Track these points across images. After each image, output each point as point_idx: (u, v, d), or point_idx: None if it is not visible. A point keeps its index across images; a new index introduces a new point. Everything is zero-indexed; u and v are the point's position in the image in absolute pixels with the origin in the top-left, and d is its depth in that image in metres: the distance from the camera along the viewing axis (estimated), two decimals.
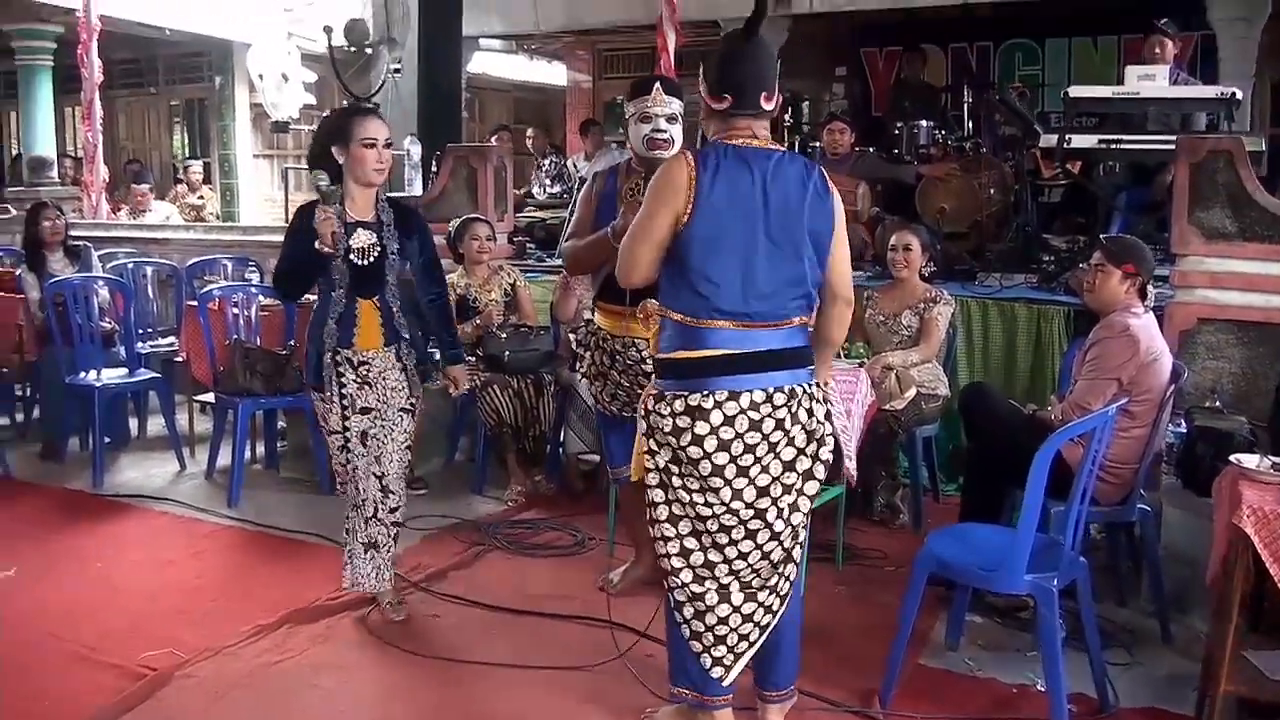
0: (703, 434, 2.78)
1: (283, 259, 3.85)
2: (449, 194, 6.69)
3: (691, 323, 2.81)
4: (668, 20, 6.42)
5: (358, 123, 3.78)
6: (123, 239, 8.27)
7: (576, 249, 3.98)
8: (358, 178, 3.78)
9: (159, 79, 13.96)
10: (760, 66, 2.87)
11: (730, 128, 2.87)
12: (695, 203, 2.74)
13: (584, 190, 4.12)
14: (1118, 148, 5.95)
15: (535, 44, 12.52)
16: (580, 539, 4.89)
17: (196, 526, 5.08)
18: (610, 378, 4.00)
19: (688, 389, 2.81)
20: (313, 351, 3.88)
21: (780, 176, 2.81)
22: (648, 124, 3.77)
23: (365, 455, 3.90)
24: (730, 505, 2.82)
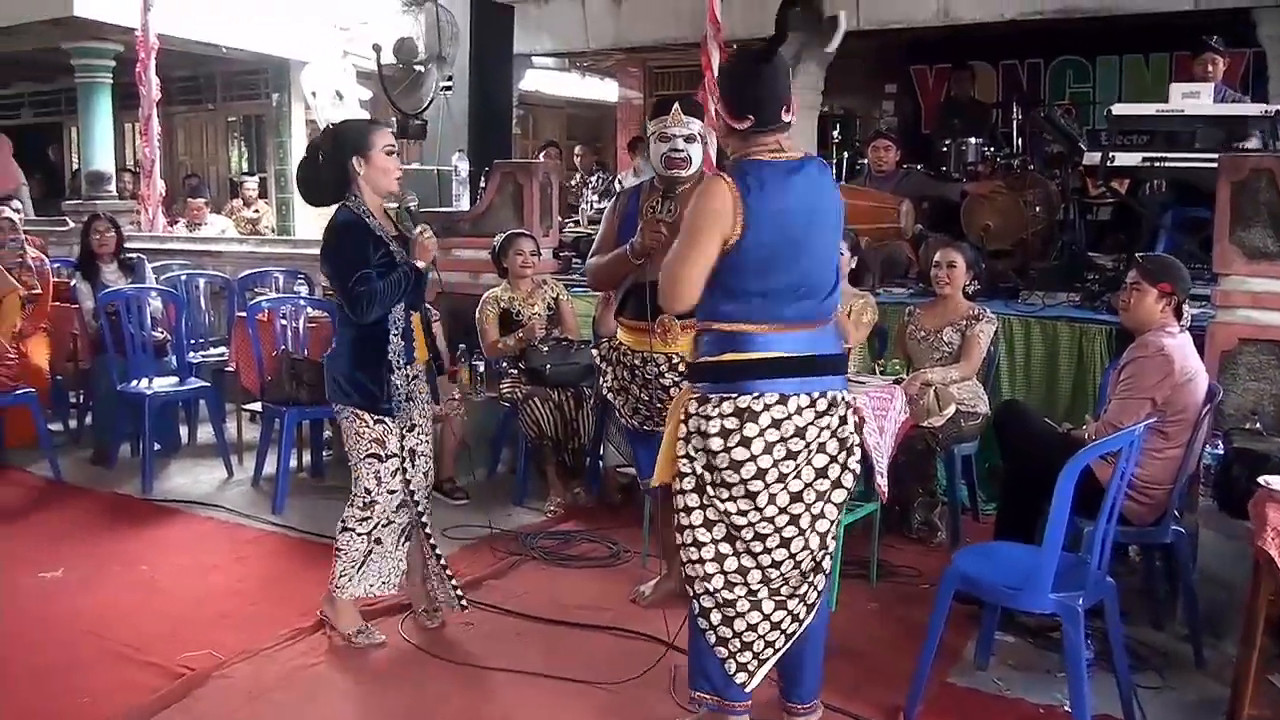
0: (751, 436, 2.82)
1: (377, 280, 3.62)
2: (495, 209, 6.77)
3: (739, 329, 2.85)
4: (712, 39, 6.47)
5: (376, 131, 3.78)
6: (178, 251, 8.47)
7: (598, 265, 4.09)
8: (379, 188, 3.75)
9: (216, 95, 14.22)
10: (777, 83, 2.90)
11: (754, 144, 2.91)
12: (745, 222, 2.78)
13: (607, 210, 4.23)
14: (1162, 166, 5.90)
15: (587, 61, 12.61)
16: (616, 550, 4.94)
17: (241, 532, 5.19)
18: (631, 392, 4.09)
19: (735, 391, 2.84)
20: (369, 375, 3.74)
21: (811, 184, 2.88)
22: (665, 143, 3.85)
23: (414, 474, 3.90)
24: (765, 512, 2.86)
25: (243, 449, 6.42)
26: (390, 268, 3.69)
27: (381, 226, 3.76)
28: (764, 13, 8.43)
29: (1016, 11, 7.75)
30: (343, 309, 3.74)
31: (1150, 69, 10.15)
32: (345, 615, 3.93)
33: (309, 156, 3.83)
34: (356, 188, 3.71)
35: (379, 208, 3.80)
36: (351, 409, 3.76)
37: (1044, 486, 4.12)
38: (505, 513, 5.52)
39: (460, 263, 6.87)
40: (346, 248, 3.67)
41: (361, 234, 3.67)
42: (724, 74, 3.04)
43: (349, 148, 3.71)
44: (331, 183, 3.75)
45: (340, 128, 3.87)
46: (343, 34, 10.27)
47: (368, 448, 3.78)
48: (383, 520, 3.86)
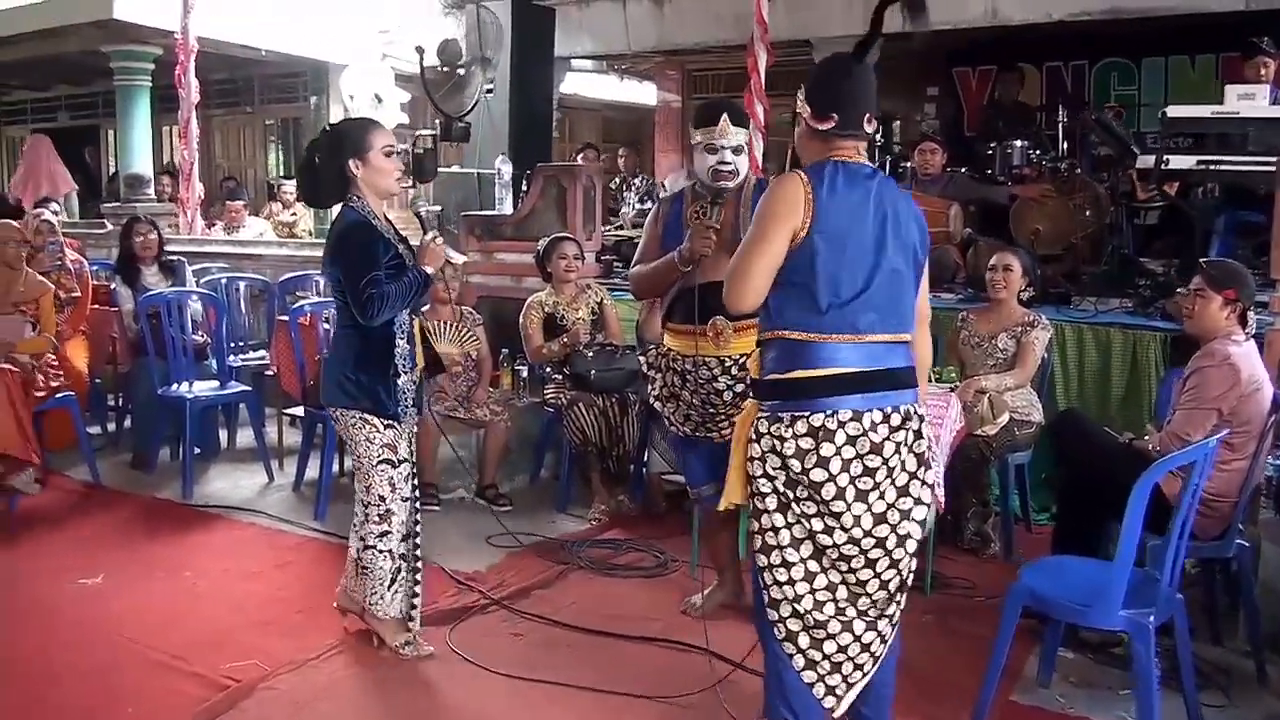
0: (828, 456, 2.72)
1: (387, 283, 3.56)
2: (538, 213, 6.72)
3: (808, 338, 2.75)
4: (759, 40, 6.38)
5: (374, 131, 3.67)
6: (217, 254, 8.45)
7: (643, 273, 3.99)
8: (379, 190, 3.66)
9: (255, 98, 14.25)
10: (866, 88, 2.84)
11: (832, 148, 2.83)
12: (814, 216, 2.70)
13: (651, 214, 4.13)
14: (1217, 169, 5.76)
15: (625, 64, 12.56)
16: (664, 560, 4.86)
17: (282, 538, 5.14)
18: (682, 399, 3.99)
19: (809, 409, 2.74)
20: (377, 378, 3.66)
21: (887, 193, 2.80)
22: (713, 155, 3.77)
23: (413, 479, 3.83)
24: (850, 533, 2.76)
25: (283, 454, 6.37)
26: (400, 271, 3.62)
27: (388, 228, 3.69)
28: (810, 13, 8.40)
29: (1065, 12, 7.62)
30: (346, 311, 3.65)
31: (1196, 70, 9.97)
32: (389, 627, 3.85)
33: (306, 159, 3.74)
34: (357, 189, 3.62)
35: (381, 209, 3.72)
36: (359, 413, 3.67)
37: (1104, 498, 4.08)
38: (549, 520, 5.46)
39: (503, 266, 6.84)
40: (356, 249, 3.57)
41: (371, 235, 3.59)
42: (812, 71, 2.95)
43: (346, 149, 3.61)
44: (331, 185, 3.65)
45: (336, 129, 3.75)
46: (382, 36, 10.24)
47: (380, 453, 3.69)
48: (401, 531, 3.76)
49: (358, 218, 3.61)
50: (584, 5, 9.39)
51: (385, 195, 3.72)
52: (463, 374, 5.82)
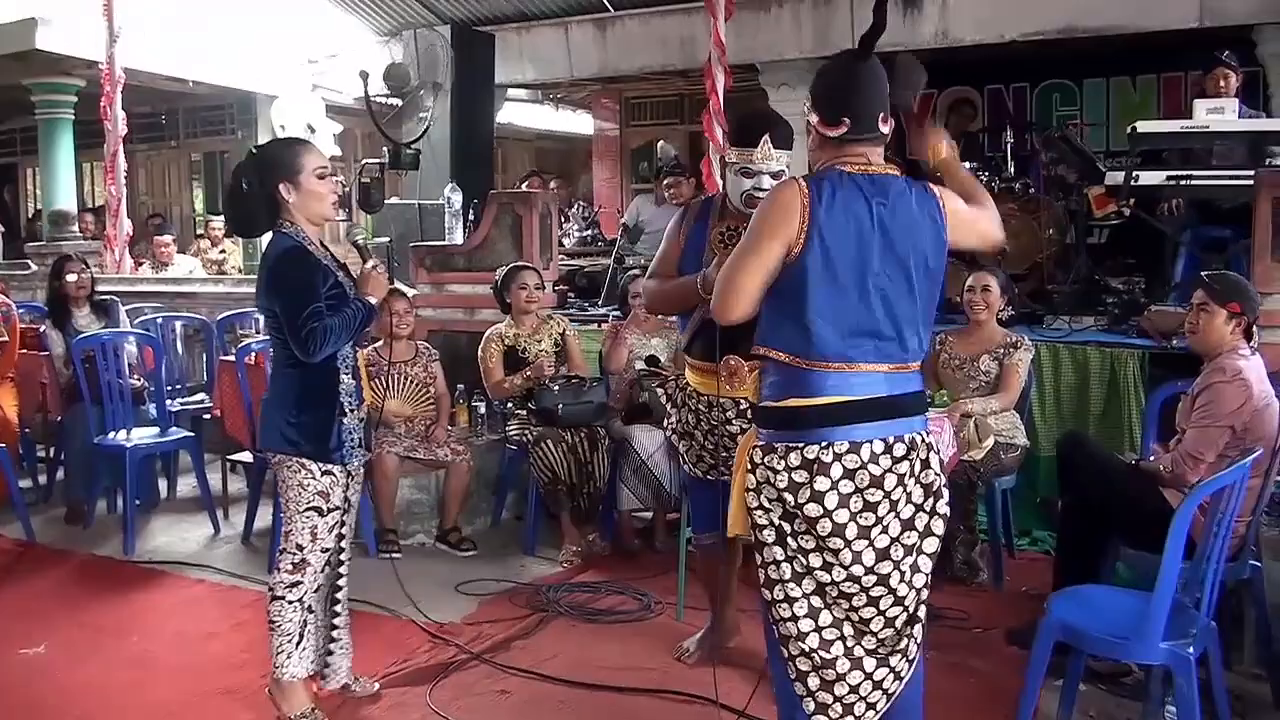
0: (823, 490, 2.51)
1: (329, 316, 3.27)
2: (492, 242, 6.47)
3: (802, 365, 2.55)
4: (716, 62, 6.22)
5: (305, 152, 3.38)
6: (148, 293, 8.06)
7: (661, 290, 3.69)
8: (313, 214, 3.37)
9: (180, 132, 13.84)
10: (876, 86, 2.65)
11: (842, 155, 2.62)
12: (809, 231, 2.50)
13: (671, 225, 3.78)
14: (1188, 184, 5.70)
15: (561, 92, 12.37)
16: (646, 603, 4.60)
17: (236, 595, 4.78)
18: (695, 438, 3.73)
19: (803, 440, 2.54)
20: (319, 419, 3.35)
21: (900, 206, 2.57)
22: (749, 179, 3.47)
23: (347, 529, 3.52)
24: (850, 570, 2.55)
25: (228, 502, 6.01)
26: (341, 301, 3.34)
27: (325, 254, 3.40)
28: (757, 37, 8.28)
29: (1018, 32, 7.58)
30: (284, 347, 3.33)
31: (1138, 90, 10.04)
32: (292, 696, 3.47)
33: (233, 184, 3.40)
34: (289, 214, 3.33)
35: (317, 235, 3.42)
36: (298, 458, 3.36)
37: (1109, 521, 3.94)
38: (518, 564, 5.19)
39: (455, 298, 6.58)
40: (293, 279, 3.28)
41: (307, 262, 3.30)
42: (817, 76, 2.74)
43: (276, 172, 3.32)
44: (261, 212, 3.35)
45: (264, 150, 3.45)
46: (312, 66, 9.96)
47: (310, 500, 3.36)
48: (313, 584, 3.43)
49: (292, 243, 3.31)
50: (524, 31, 9.19)
51: (320, 221, 3.42)
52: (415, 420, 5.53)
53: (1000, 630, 4.25)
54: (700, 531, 3.87)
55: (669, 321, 5.87)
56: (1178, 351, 5.19)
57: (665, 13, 8.78)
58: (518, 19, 9.21)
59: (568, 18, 9.13)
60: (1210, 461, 3.72)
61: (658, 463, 5.29)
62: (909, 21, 7.90)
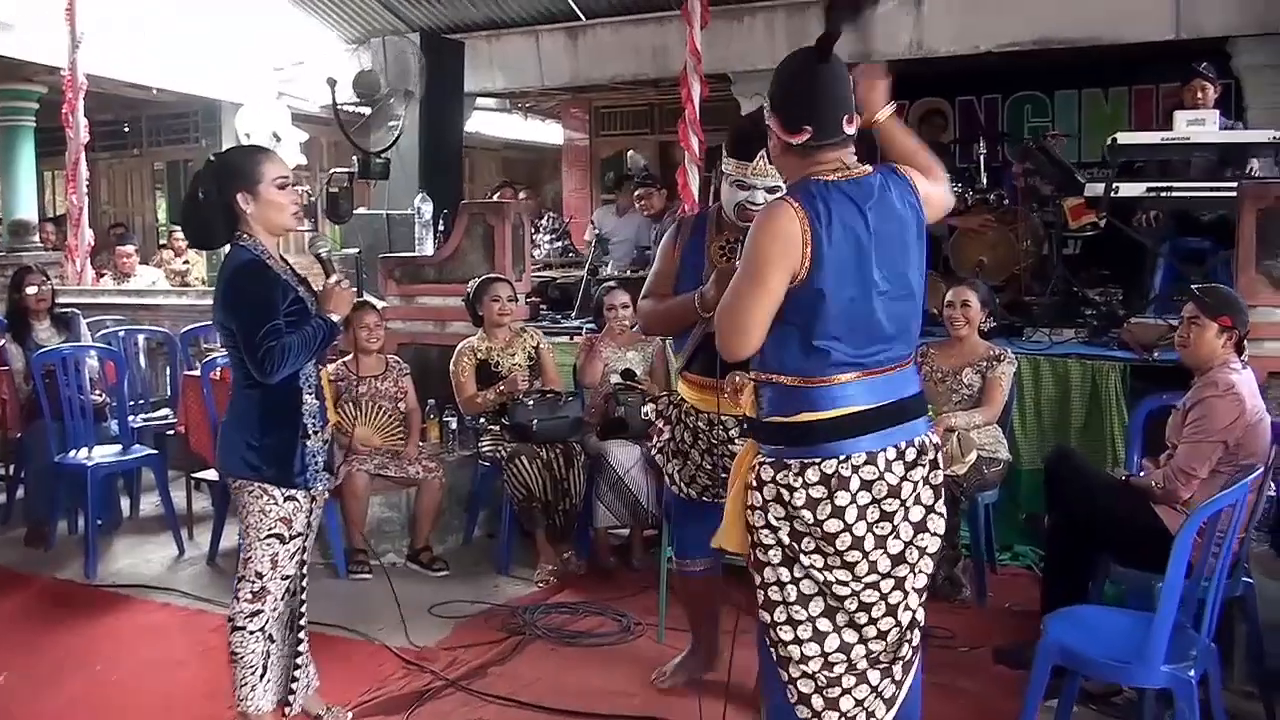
0: (844, 504, 2.44)
1: (288, 334, 3.11)
2: (463, 253, 6.35)
3: (810, 383, 2.46)
4: (693, 71, 6.13)
5: (266, 161, 3.22)
6: (111, 305, 7.84)
7: (657, 311, 3.55)
8: (273, 226, 3.22)
9: (143, 140, 13.61)
10: (838, 87, 2.51)
11: (814, 162, 2.50)
12: (814, 257, 2.39)
13: (665, 241, 3.65)
14: (1168, 195, 5.67)
15: (530, 101, 12.27)
16: (626, 624, 4.48)
17: (203, 619, 4.61)
18: (691, 457, 3.59)
19: (819, 455, 2.45)
20: (282, 442, 3.19)
21: (884, 206, 2.48)
22: (744, 191, 3.37)
23: (308, 552, 3.38)
24: (867, 579, 2.48)
25: (192, 522, 5.84)
26: (301, 317, 3.18)
27: (285, 269, 3.25)
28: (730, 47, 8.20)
29: (993, 43, 7.53)
30: (243, 366, 3.16)
31: (1109, 102, 10.05)
32: None
33: (190, 195, 3.27)
34: (247, 226, 3.18)
35: (274, 246, 3.26)
36: (260, 483, 3.19)
37: (1098, 537, 3.87)
38: (492, 584, 5.06)
39: (425, 310, 6.45)
40: (252, 295, 3.13)
41: (266, 277, 3.15)
42: (775, 80, 2.59)
43: (234, 182, 3.17)
44: (219, 223, 3.19)
45: (223, 159, 3.30)
46: (277, 74, 9.80)
47: (271, 526, 3.20)
48: (274, 612, 3.27)
49: (250, 257, 3.15)
50: (494, 39, 9.07)
51: (279, 232, 3.27)
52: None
53: (988, 649, 4.17)
54: (690, 557, 3.72)
55: (647, 335, 5.80)
56: (1160, 364, 5.16)
57: (638, 21, 8.69)
58: (487, 27, 9.10)
59: (538, 26, 9.02)
60: (1203, 477, 3.67)
61: (635, 479, 5.19)
62: (885, 34, 7.85)
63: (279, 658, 3.36)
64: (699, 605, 3.81)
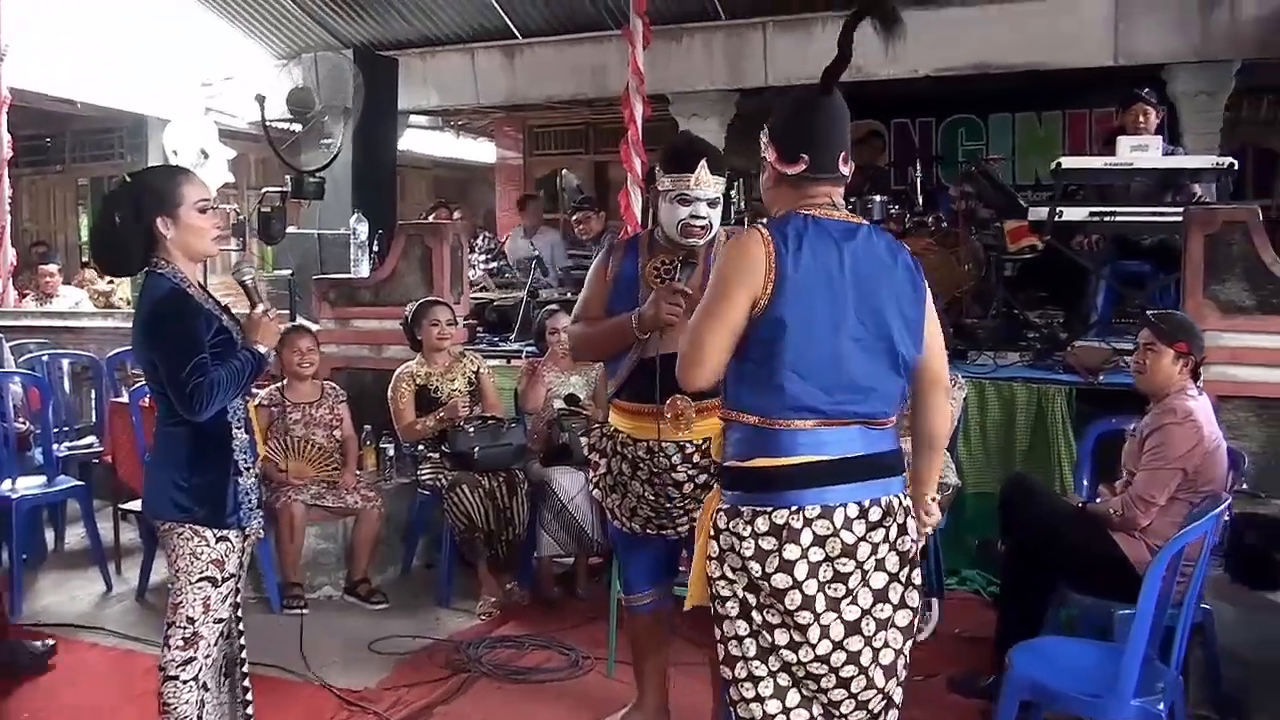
0: (792, 559, 2.31)
1: (215, 368, 2.91)
2: (400, 275, 6.19)
3: (769, 424, 2.35)
4: (635, 91, 6.05)
5: (186, 183, 3.00)
6: (32, 328, 7.55)
7: (589, 335, 3.41)
8: (194, 252, 2.99)
9: (66, 156, 13.23)
10: (838, 123, 2.48)
11: (805, 196, 2.44)
12: (776, 283, 2.31)
13: (595, 265, 3.53)
14: (1111, 220, 5.69)
15: (463, 120, 12.12)
16: (574, 658, 4.35)
17: (135, 660, 4.37)
18: (631, 489, 3.41)
19: (771, 504, 2.34)
20: (213, 481, 2.98)
21: (869, 254, 2.40)
22: (685, 207, 3.22)
23: (234, 596, 3.14)
24: (817, 648, 2.34)
25: (120, 555, 5.56)
26: (227, 349, 2.98)
27: (206, 297, 3.04)
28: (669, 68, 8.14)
29: (931, 68, 7.56)
30: (167, 402, 2.95)
31: (1043, 126, 10.18)
32: None
33: (103, 216, 3.02)
34: (165, 252, 2.95)
35: (195, 274, 3.05)
36: (189, 525, 2.98)
37: (1055, 566, 3.83)
38: (433, 617, 4.91)
39: (361, 334, 6.28)
40: (175, 329, 2.91)
41: (188, 309, 2.93)
42: (775, 110, 2.56)
43: (152, 205, 2.94)
44: (135, 248, 2.96)
45: (139, 180, 3.05)
46: (205, 90, 9.55)
47: (204, 570, 2.98)
48: (207, 659, 3.05)
49: (170, 286, 2.93)
50: (428, 56, 8.93)
51: (200, 259, 3.06)
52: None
53: (941, 677, 4.11)
54: (635, 591, 3.59)
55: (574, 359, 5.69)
56: (1105, 387, 5.17)
57: (575, 41, 8.61)
58: (422, 44, 8.97)
59: (474, 44, 8.91)
60: (1161, 505, 3.65)
61: (580, 506, 5.07)
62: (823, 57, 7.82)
63: (214, 706, 3.17)
64: (645, 643, 3.65)
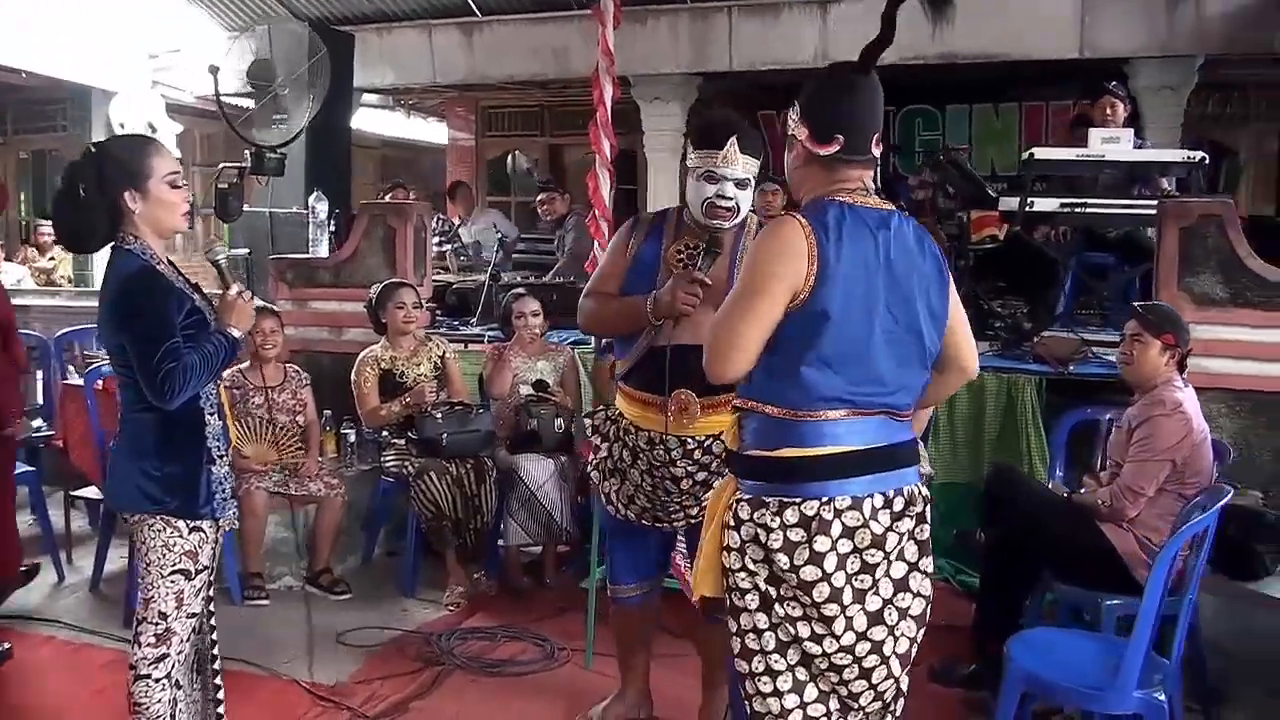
0: (823, 551, 2.25)
1: (188, 352, 2.75)
2: (361, 256, 6.04)
3: (796, 415, 2.28)
4: (605, 72, 5.91)
5: (156, 154, 2.85)
6: None
7: (601, 313, 3.27)
8: (163, 227, 2.85)
9: (7, 128, 12.79)
10: (874, 104, 2.41)
11: (836, 179, 2.36)
12: (819, 276, 2.23)
13: (616, 240, 3.37)
14: (1081, 211, 5.69)
15: (414, 99, 11.88)
16: (549, 649, 4.26)
17: (91, 654, 4.20)
18: (630, 477, 3.31)
19: (800, 495, 2.27)
20: (185, 470, 2.83)
21: (901, 243, 2.34)
22: (713, 185, 3.08)
23: (207, 589, 3.00)
24: (842, 640, 2.29)
25: (71, 544, 5.37)
26: (199, 330, 2.83)
27: (177, 275, 2.88)
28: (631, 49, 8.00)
29: (897, 56, 7.41)
30: (135, 388, 2.79)
31: (1000, 118, 10.20)
32: None
33: (67, 191, 2.83)
34: (132, 227, 2.80)
35: (164, 251, 2.88)
36: (161, 517, 2.83)
37: (1039, 556, 3.80)
38: (399, 608, 4.78)
39: (320, 316, 6.12)
40: (146, 309, 2.75)
41: (159, 288, 2.78)
42: (808, 88, 2.45)
43: (120, 177, 2.79)
44: (101, 224, 2.81)
45: (106, 151, 2.87)
46: (152, 62, 9.25)
47: (176, 562, 2.84)
48: (179, 654, 2.91)
49: (140, 264, 2.78)
50: (385, 33, 8.72)
51: (169, 234, 2.91)
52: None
53: (924, 667, 4.06)
54: (624, 582, 3.49)
55: (554, 343, 5.58)
56: (1074, 378, 5.18)
57: (537, 20, 8.45)
58: (379, 20, 8.75)
59: (432, 21, 8.70)
60: (1150, 496, 3.64)
61: (548, 494, 5.00)
62: (789, 42, 7.79)
63: (187, 704, 3.03)
64: (632, 637, 3.58)
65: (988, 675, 3.64)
